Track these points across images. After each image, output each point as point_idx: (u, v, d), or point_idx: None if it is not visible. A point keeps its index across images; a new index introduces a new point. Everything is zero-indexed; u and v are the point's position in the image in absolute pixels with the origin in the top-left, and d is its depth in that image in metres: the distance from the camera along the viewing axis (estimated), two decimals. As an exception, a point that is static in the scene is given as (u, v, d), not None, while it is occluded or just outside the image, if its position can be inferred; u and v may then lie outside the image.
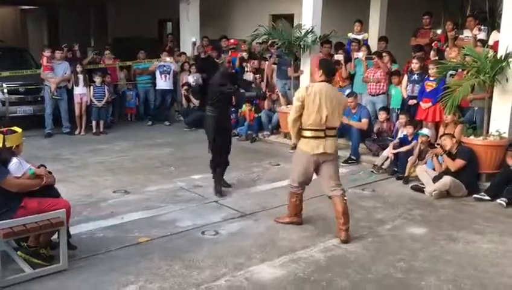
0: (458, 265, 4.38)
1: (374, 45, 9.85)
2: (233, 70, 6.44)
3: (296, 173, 5.06)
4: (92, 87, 10.02)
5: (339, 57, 9.37)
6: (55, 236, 4.28)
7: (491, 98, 6.75)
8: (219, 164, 6.34)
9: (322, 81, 4.87)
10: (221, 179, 6.38)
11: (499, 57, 6.49)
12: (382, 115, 8.08)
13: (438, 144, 6.77)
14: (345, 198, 4.87)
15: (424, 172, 6.58)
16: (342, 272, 4.21)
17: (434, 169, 6.64)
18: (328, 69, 4.98)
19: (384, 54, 8.85)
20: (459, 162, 6.31)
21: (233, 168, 6.84)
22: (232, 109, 10.18)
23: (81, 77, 9.90)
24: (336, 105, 4.80)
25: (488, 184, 6.33)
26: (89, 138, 9.74)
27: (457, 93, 6.50)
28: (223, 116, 6.31)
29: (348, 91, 8.69)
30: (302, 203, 5.23)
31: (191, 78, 10.98)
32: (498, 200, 5.97)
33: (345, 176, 7.15)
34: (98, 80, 10.03)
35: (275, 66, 10.31)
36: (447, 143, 6.45)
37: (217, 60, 10.94)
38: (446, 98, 6.67)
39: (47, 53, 9.78)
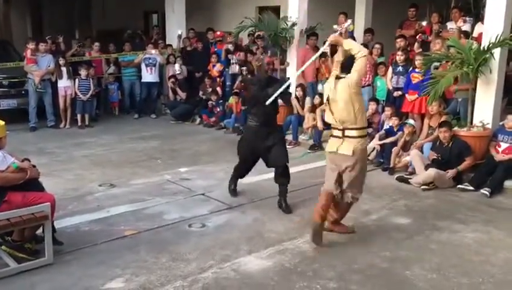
0: (442, 254, 4.44)
1: (360, 37, 9.87)
2: (271, 75, 5.49)
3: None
4: (77, 80, 9.91)
5: (326, 49, 9.37)
6: (40, 230, 4.25)
7: (474, 89, 6.82)
8: (242, 175, 5.89)
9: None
10: (283, 199, 5.46)
11: (482, 48, 6.54)
12: (372, 106, 8.02)
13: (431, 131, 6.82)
14: None
15: (418, 157, 6.60)
16: (328, 263, 4.24)
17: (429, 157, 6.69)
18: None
19: (377, 45, 8.85)
20: (471, 161, 6.37)
21: (221, 160, 6.84)
22: (220, 101, 10.21)
23: (64, 69, 9.79)
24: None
25: (472, 174, 6.40)
26: (74, 131, 9.65)
27: (440, 84, 6.55)
28: (265, 127, 5.36)
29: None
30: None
31: (177, 66, 10.90)
32: (482, 190, 6.05)
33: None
34: (83, 72, 9.93)
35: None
36: (447, 136, 6.45)
37: (256, 63, 10.54)
38: (429, 89, 6.72)
39: (31, 45, 9.65)
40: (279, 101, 5.40)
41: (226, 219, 5.22)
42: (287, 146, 8.34)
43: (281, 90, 4.99)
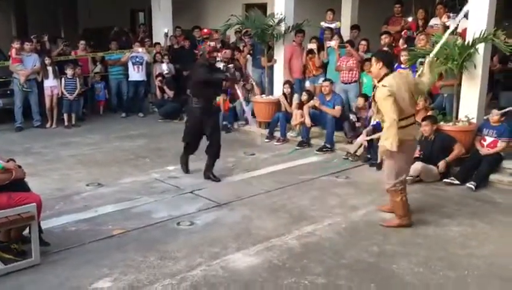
0: (429, 248, 4.49)
1: (346, 34, 9.92)
2: (212, 62, 6.51)
3: (397, 168, 4.85)
4: (63, 79, 9.83)
5: (312, 45, 9.42)
6: (26, 231, 4.22)
7: (459, 84, 6.88)
8: (192, 151, 6.67)
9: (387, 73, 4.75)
10: (210, 172, 6.46)
11: (466, 43, 6.60)
12: (361, 101, 7.99)
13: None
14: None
15: None
16: (316, 258, 4.26)
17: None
18: (389, 61, 4.94)
19: (363, 41, 8.87)
20: (459, 149, 6.43)
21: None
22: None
23: (50, 69, 9.71)
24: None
25: (457, 169, 6.47)
26: (60, 131, 9.57)
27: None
28: (208, 107, 6.33)
29: (321, 79, 8.79)
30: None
31: (165, 66, 10.88)
32: (467, 184, 6.11)
33: (319, 163, 7.26)
34: (69, 72, 9.85)
35: (249, 56, 10.30)
36: (427, 129, 6.51)
37: (196, 51, 10.80)
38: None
39: (16, 45, 9.55)
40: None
41: (214, 217, 5.22)
42: (275, 143, 8.52)
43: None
